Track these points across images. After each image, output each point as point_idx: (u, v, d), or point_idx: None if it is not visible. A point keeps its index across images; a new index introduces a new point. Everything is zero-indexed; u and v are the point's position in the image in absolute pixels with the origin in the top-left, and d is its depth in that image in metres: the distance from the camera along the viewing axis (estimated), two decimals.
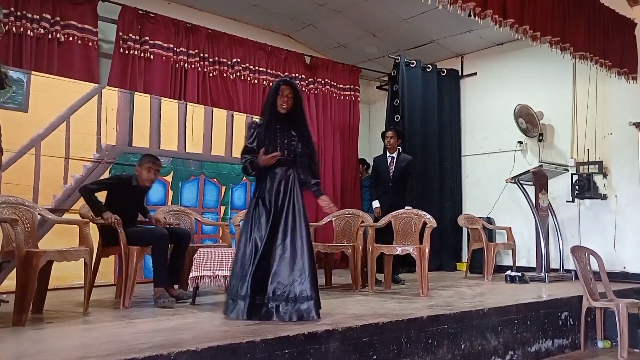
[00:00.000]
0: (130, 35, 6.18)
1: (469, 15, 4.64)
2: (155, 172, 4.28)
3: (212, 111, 6.50)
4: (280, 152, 3.50)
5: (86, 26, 5.87)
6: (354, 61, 8.45)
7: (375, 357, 3.18)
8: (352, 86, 8.43)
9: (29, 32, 5.48)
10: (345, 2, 6.89)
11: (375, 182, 6.21)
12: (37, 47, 5.55)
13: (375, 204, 5.97)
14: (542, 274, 6.01)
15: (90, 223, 3.95)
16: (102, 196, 4.17)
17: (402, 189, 5.97)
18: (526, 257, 6.96)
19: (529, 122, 6.88)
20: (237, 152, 6.61)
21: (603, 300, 4.57)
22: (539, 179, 6.25)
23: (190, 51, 6.68)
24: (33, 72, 5.19)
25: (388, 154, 6.13)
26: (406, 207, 5.52)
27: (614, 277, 5.63)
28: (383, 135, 6.33)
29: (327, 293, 4.81)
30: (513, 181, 6.31)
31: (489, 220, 7.28)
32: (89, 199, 4.01)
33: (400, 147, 6.29)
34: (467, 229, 7.08)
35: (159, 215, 4.30)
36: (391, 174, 6.02)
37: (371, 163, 7.25)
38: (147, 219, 4.47)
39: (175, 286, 4.22)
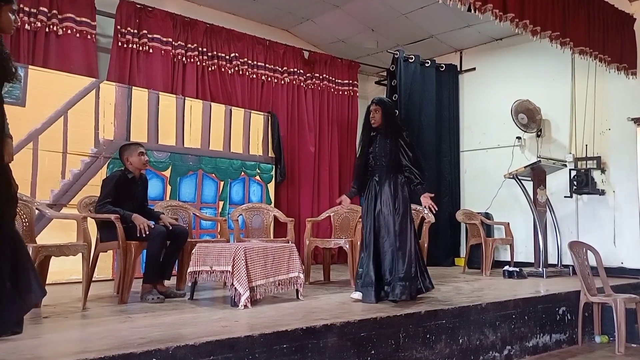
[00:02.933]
0: (129, 29, 6.16)
1: (469, 10, 4.63)
2: (146, 154, 4.37)
3: (210, 106, 6.48)
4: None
5: (84, 19, 5.83)
6: (352, 56, 8.43)
7: (373, 351, 3.18)
8: (350, 81, 8.42)
9: (26, 25, 5.44)
10: None
11: None
12: (34, 40, 5.53)
13: None
14: (540, 269, 6.02)
15: (88, 218, 3.94)
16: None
17: None
18: (524, 252, 6.97)
19: (530, 117, 6.87)
20: (235, 147, 6.65)
21: (601, 296, 4.58)
22: (537, 174, 6.25)
23: (189, 45, 6.65)
24: (30, 66, 5.17)
25: None
26: None
27: (612, 272, 5.64)
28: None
29: (325, 288, 4.82)
30: (511, 177, 6.31)
31: (487, 215, 7.29)
32: (110, 213, 3.99)
33: None
34: (465, 225, 7.08)
35: (165, 219, 4.28)
36: None
37: None
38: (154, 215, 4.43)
39: (165, 282, 4.23)
